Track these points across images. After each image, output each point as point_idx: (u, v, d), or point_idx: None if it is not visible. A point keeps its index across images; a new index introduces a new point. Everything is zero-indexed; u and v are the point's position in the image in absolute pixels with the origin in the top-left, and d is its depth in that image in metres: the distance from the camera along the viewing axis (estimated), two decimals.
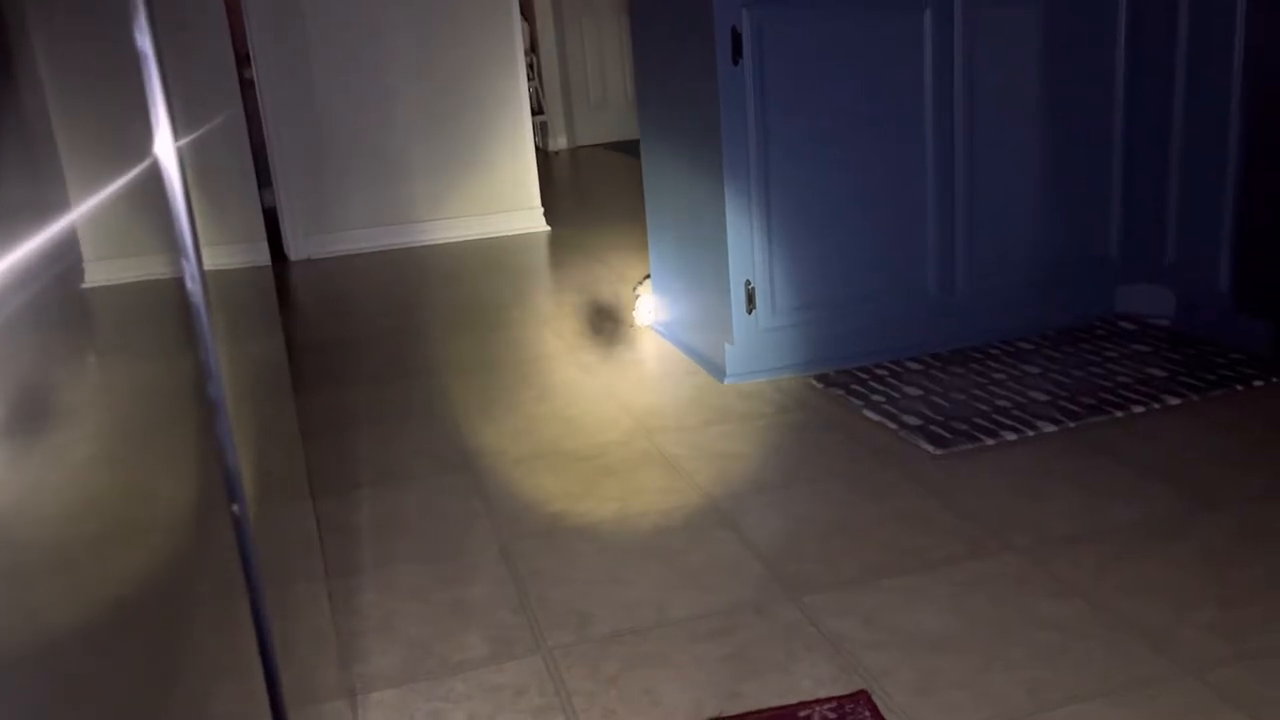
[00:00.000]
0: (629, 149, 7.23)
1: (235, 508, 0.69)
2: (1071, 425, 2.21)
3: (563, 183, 6.45)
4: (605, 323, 3.25)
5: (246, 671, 1.10)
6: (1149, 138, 2.74)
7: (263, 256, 1.38)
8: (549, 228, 4.88)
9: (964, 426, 2.23)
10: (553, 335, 3.18)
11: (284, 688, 0.76)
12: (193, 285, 0.62)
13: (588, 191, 6.12)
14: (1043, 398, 2.35)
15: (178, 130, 0.60)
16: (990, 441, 2.16)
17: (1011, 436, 2.17)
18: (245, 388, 0.76)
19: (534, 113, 4.90)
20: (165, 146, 0.58)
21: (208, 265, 0.67)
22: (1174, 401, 2.28)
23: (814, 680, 1.45)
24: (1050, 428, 2.20)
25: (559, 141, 7.77)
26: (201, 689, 1.44)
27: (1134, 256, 2.83)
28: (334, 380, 2.93)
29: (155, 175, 0.58)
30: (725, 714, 1.39)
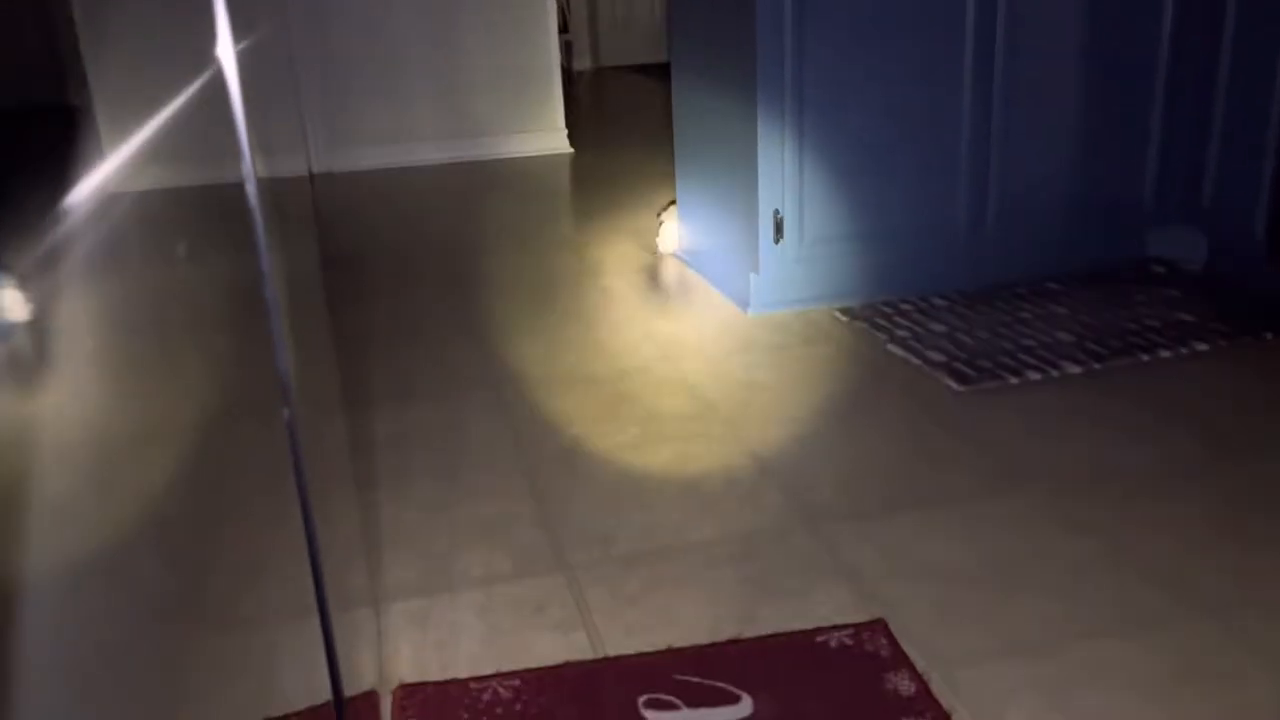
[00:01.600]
0: (653, 72, 7.12)
1: (286, 411, 0.69)
2: (1097, 367, 2.20)
3: (587, 104, 6.36)
4: (631, 249, 3.23)
5: (295, 570, 1.11)
6: (1193, 79, 2.68)
7: (301, 167, 1.37)
8: (572, 150, 4.83)
9: (988, 364, 2.22)
10: (576, 259, 3.17)
11: (328, 588, 0.77)
12: (250, 188, 0.62)
13: (612, 114, 6.05)
14: (1069, 338, 2.34)
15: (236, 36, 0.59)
16: (1014, 380, 2.15)
17: (1036, 376, 2.17)
18: (286, 290, 0.76)
19: (559, 31, 4.82)
20: (226, 51, 0.58)
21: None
22: (1202, 347, 2.27)
23: (831, 607, 1.47)
24: (1075, 369, 2.19)
25: (583, 62, 7.65)
26: (242, 585, 1.46)
27: (1168, 200, 2.78)
28: (354, 296, 2.93)
29: (218, 80, 0.58)
30: (743, 635, 1.41)
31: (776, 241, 2.56)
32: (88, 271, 3.23)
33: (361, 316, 2.75)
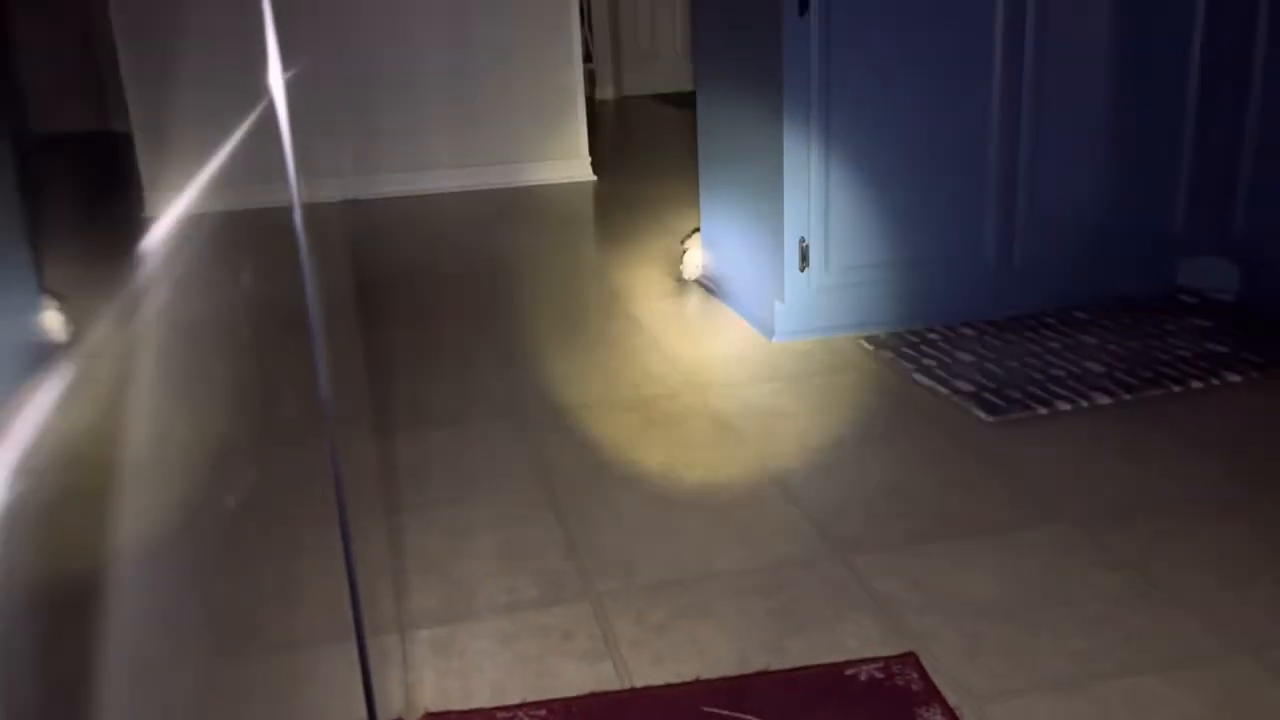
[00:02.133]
0: (677, 101, 7.15)
1: (328, 431, 0.69)
2: (1127, 397, 2.18)
3: (610, 132, 6.40)
4: (654, 276, 3.23)
5: (326, 595, 1.10)
6: (1224, 107, 2.66)
7: (336, 193, 1.38)
8: (595, 177, 4.85)
9: (1017, 394, 2.20)
10: (599, 286, 3.17)
11: (363, 611, 0.77)
12: (296, 217, 0.62)
13: (635, 142, 6.08)
14: (1098, 368, 2.32)
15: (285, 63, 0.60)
16: (1043, 410, 2.13)
17: (1065, 406, 2.15)
18: (326, 319, 0.76)
19: (583, 60, 4.85)
20: (276, 81, 0.58)
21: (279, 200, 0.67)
22: (1234, 378, 2.24)
23: (860, 640, 1.45)
24: (1105, 399, 2.17)
25: (606, 91, 7.70)
26: (269, 613, 1.46)
27: (1199, 228, 2.76)
28: (377, 322, 2.94)
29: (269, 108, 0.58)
30: (771, 668, 1.40)
31: (802, 269, 2.55)
32: (131, 294, 3.26)
33: (386, 342, 2.76)
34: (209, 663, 1.47)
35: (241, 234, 3.79)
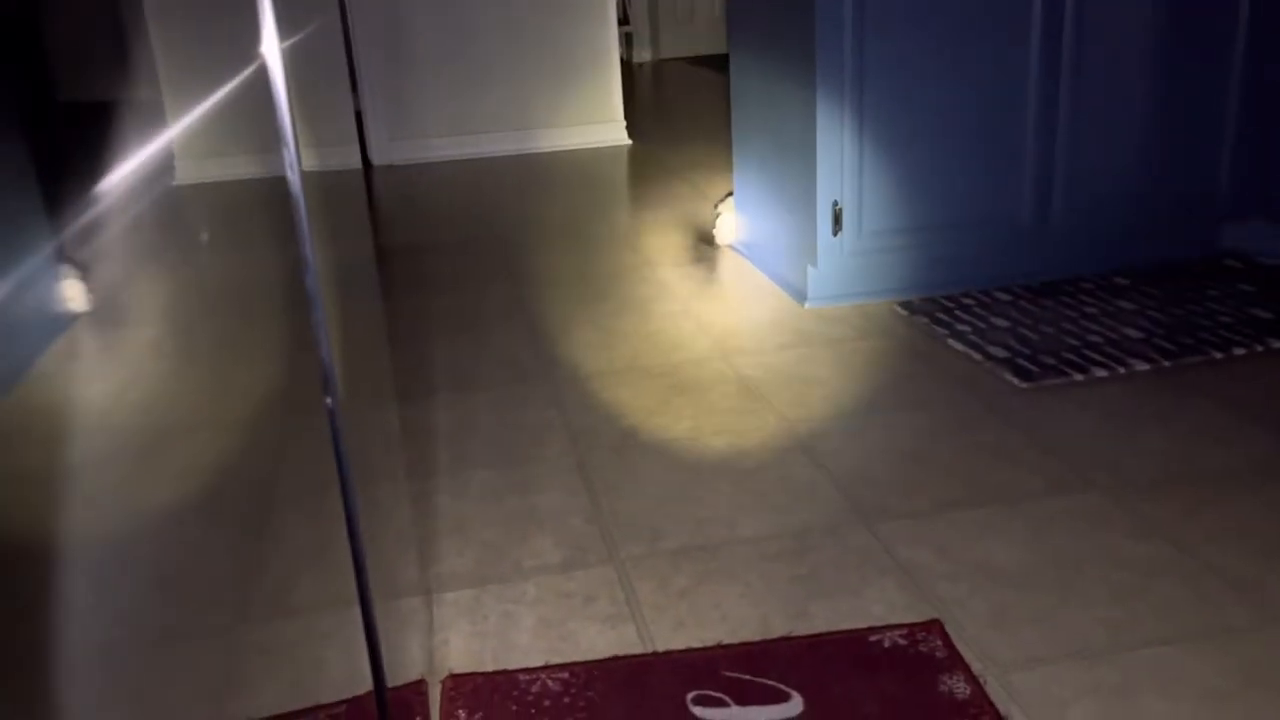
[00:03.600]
0: (714, 64, 7.08)
1: (328, 400, 0.69)
2: (1166, 364, 2.13)
3: (646, 96, 6.35)
4: (687, 240, 3.21)
5: (336, 561, 1.12)
6: (1272, 64, 2.58)
7: (354, 160, 1.38)
8: (630, 141, 4.82)
9: (1052, 361, 2.17)
10: (631, 251, 3.16)
11: (370, 579, 0.77)
12: (292, 177, 0.62)
13: (671, 106, 6.02)
14: (1137, 335, 2.27)
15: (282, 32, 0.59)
16: (1079, 377, 2.10)
17: (1102, 373, 2.11)
18: (339, 284, 0.76)
19: (619, 23, 4.81)
20: (270, 46, 0.57)
21: (305, 166, 0.66)
22: (1278, 345, 2.18)
23: (885, 606, 1.45)
24: (1143, 366, 2.13)
25: (643, 54, 7.63)
26: (294, 574, 1.49)
27: (1244, 192, 2.69)
28: (412, 286, 2.95)
29: (261, 75, 0.58)
30: (795, 633, 1.40)
31: (835, 234, 2.52)
32: (149, 263, 3.30)
33: (419, 307, 2.77)
34: (231, 627, 1.50)
35: (244, 203, 3.81)
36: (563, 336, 2.50)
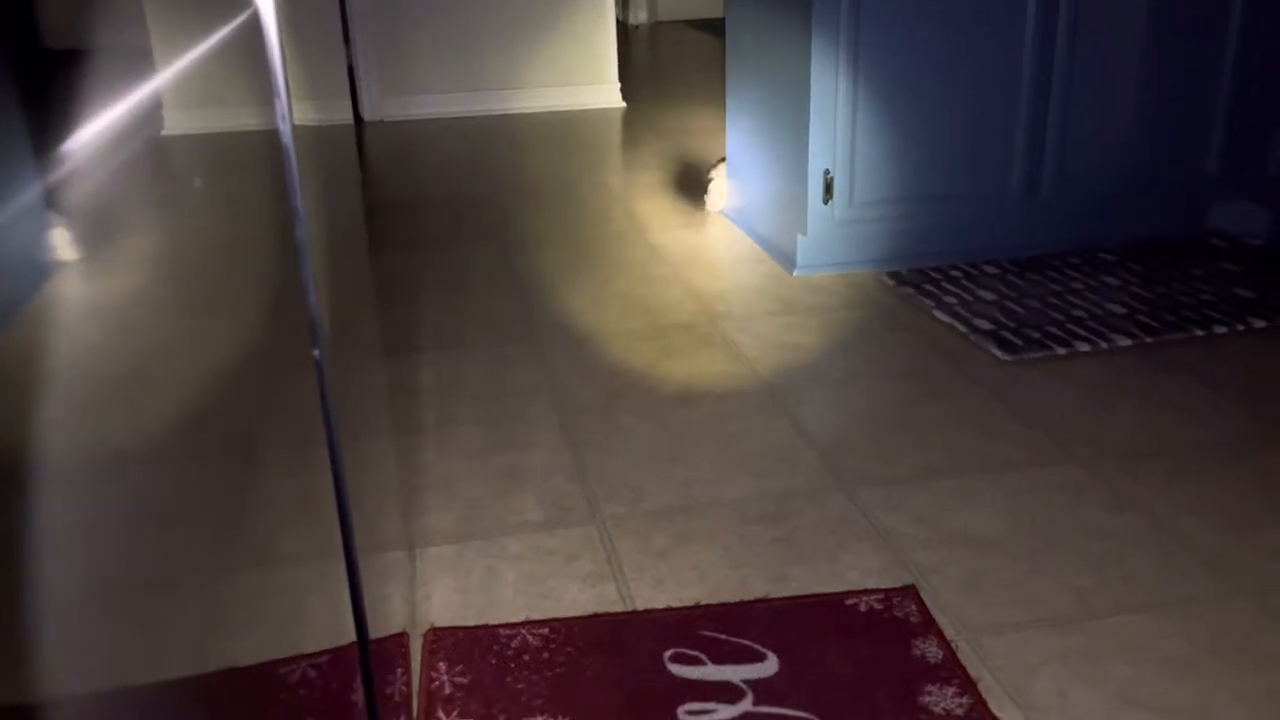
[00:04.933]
0: (709, 27, 7.02)
1: (316, 352, 0.70)
2: (1148, 340, 2.15)
3: (641, 58, 6.30)
4: (678, 205, 3.21)
5: (321, 513, 1.13)
6: (1265, 46, 2.58)
7: (345, 115, 1.37)
8: (624, 104, 4.79)
9: (1036, 334, 2.18)
10: (622, 214, 3.16)
11: (354, 532, 0.78)
12: (283, 127, 0.62)
13: (666, 69, 5.98)
14: (1120, 310, 2.29)
15: None
16: (1062, 351, 2.12)
17: (1085, 348, 2.13)
18: (327, 239, 0.76)
19: None
20: None
21: (296, 119, 0.66)
22: (1259, 324, 2.21)
23: (861, 571, 1.47)
24: (1125, 341, 2.15)
25: (639, 15, 7.57)
26: (278, 525, 1.50)
27: (1233, 171, 2.70)
28: (402, 243, 2.95)
29: (254, 25, 0.58)
30: (772, 595, 1.42)
31: (825, 202, 2.52)
32: (137, 212, 3.28)
33: (407, 265, 2.77)
34: (216, 576, 1.51)
35: (241, 155, 3.79)
36: (551, 297, 2.50)
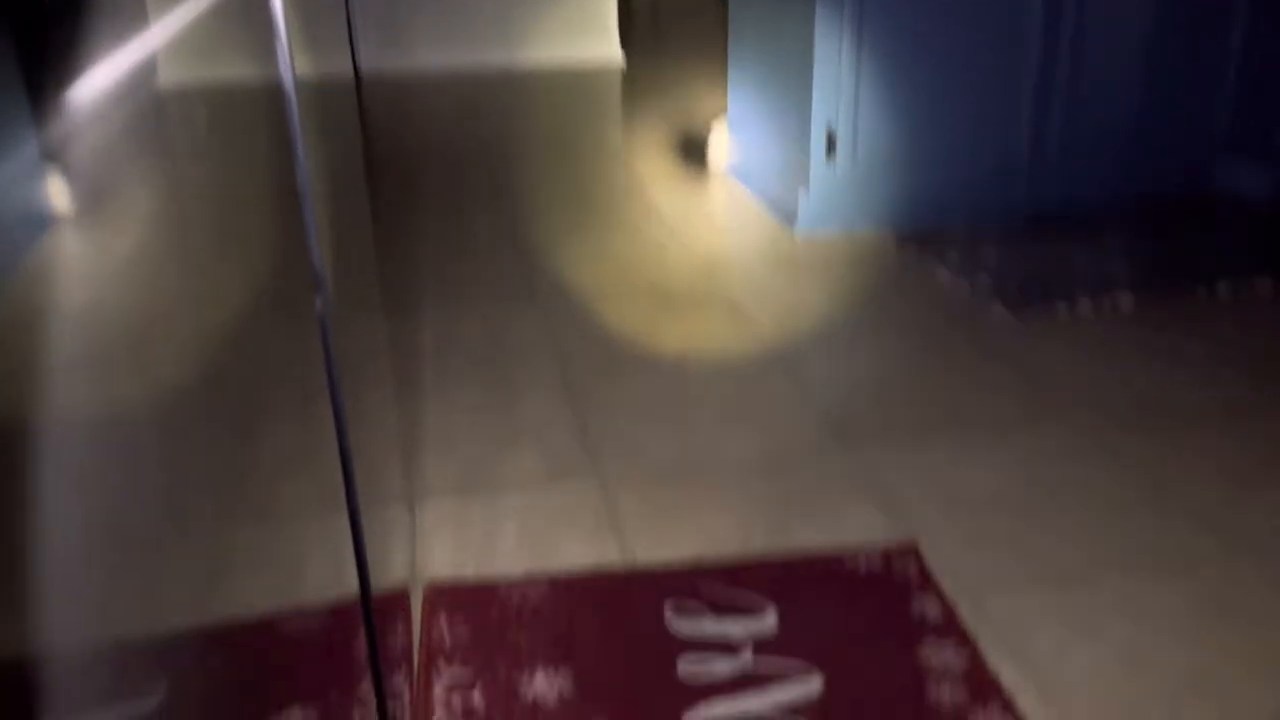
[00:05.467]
0: None
1: (318, 302, 0.69)
2: (1151, 300, 2.14)
3: (641, 14, 6.22)
4: (679, 162, 3.18)
5: (321, 466, 1.12)
6: (1275, 4, 2.54)
7: (344, 67, 1.35)
8: (625, 61, 4.73)
9: (1039, 293, 2.17)
10: (623, 171, 3.13)
11: (357, 487, 0.78)
12: (285, 74, 0.60)
13: (667, 25, 5.91)
14: (1124, 270, 2.28)
15: None
16: (1065, 310, 2.11)
17: (1088, 307, 2.12)
18: (328, 191, 0.75)
19: None
20: None
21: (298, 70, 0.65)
22: (1264, 283, 2.20)
23: (863, 527, 1.47)
24: (1129, 300, 2.14)
25: None
26: (279, 479, 1.49)
27: (1239, 132, 2.67)
28: (399, 201, 2.92)
29: None
30: (772, 550, 1.42)
31: (828, 159, 2.50)
32: (135, 165, 3.25)
33: (407, 221, 2.75)
34: (218, 529, 1.51)
35: (251, 107, 3.74)
36: (552, 256, 2.49)
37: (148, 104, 3.89)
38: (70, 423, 1.78)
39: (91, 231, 2.71)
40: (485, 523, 1.50)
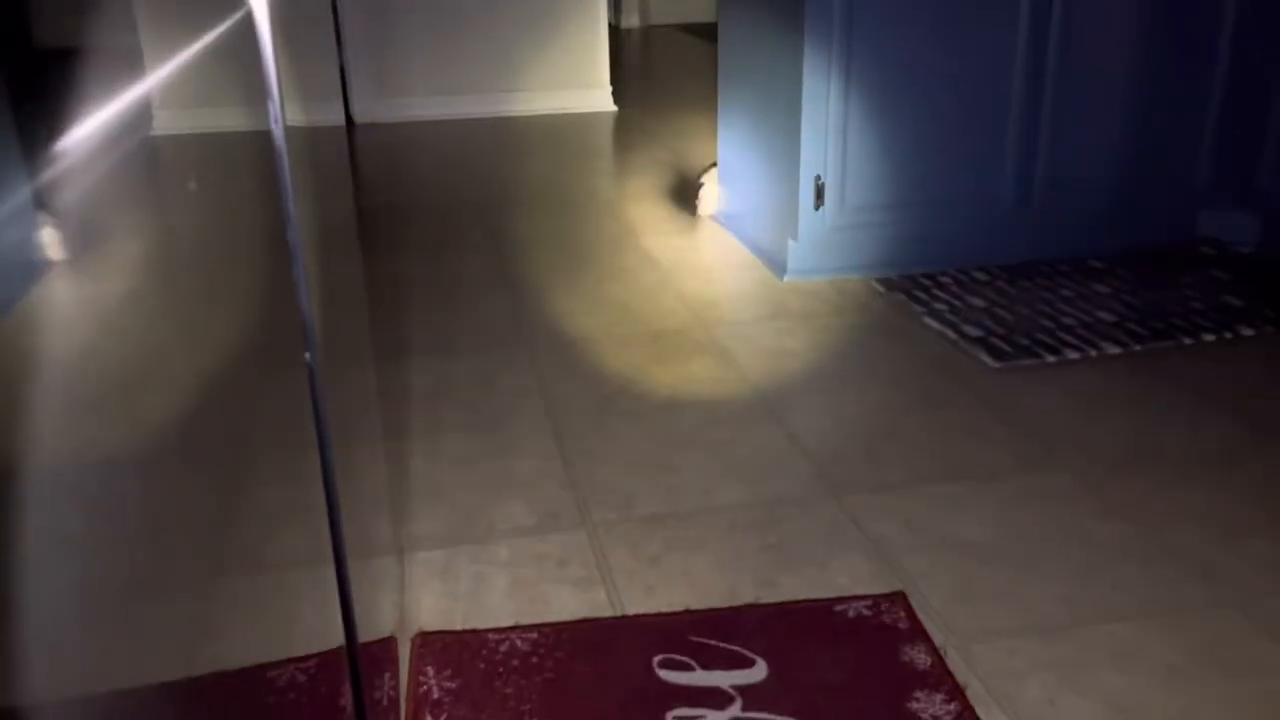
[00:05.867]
0: (702, 31, 7.03)
1: (307, 356, 0.70)
2: (1137, 348, 2.16)
3: (633, 63, 6.31)
4: (669, 210, 3.21)
5: (308, 517, 1.12)
6: (1255, 55, 2.60)
7: (336, 116, 1.37)
8: (616, 108, 4.80)
9: (1026, 341, 2.19)
10: (613, 218, 3.16)
11: (345, 537, 0.78)
12: (276, 129, 0.62)
13: (658, 73, 5.99)
14: (1110, 318, 2.30)
15: None
16: (1051, 359, 2.12)
17: (1074, 355, 2.14)
18: (318, 241, 0.76)
19: None
20: None
21: (289, 121, 0.66)
22: (1248, 332, 2.22)
23: (851, 577, 1.47)
24: (1115, 349, 2.16)
25: (631, 19, 7.58)
26: (268, 530, 1.49)
27: (1222, 180, 2.72)
28: (391, 247, 2.94)
29: (247, 24, 0.58)
30: (761, 601, 1.42)
31: (817, 208, 2.53)
32: (127, 213, 3.27)
33: (397, 269, 2.76)
34: (205, 580, 1.50)
35: (234, 156, 3.78)
36: (542, 302, 2.50)
37: (142, 151, 3.92)
38: (58, 469, 1.78)
39: (83, 278, 2.71)
40: (474, 572, 1.50)
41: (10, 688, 1.29)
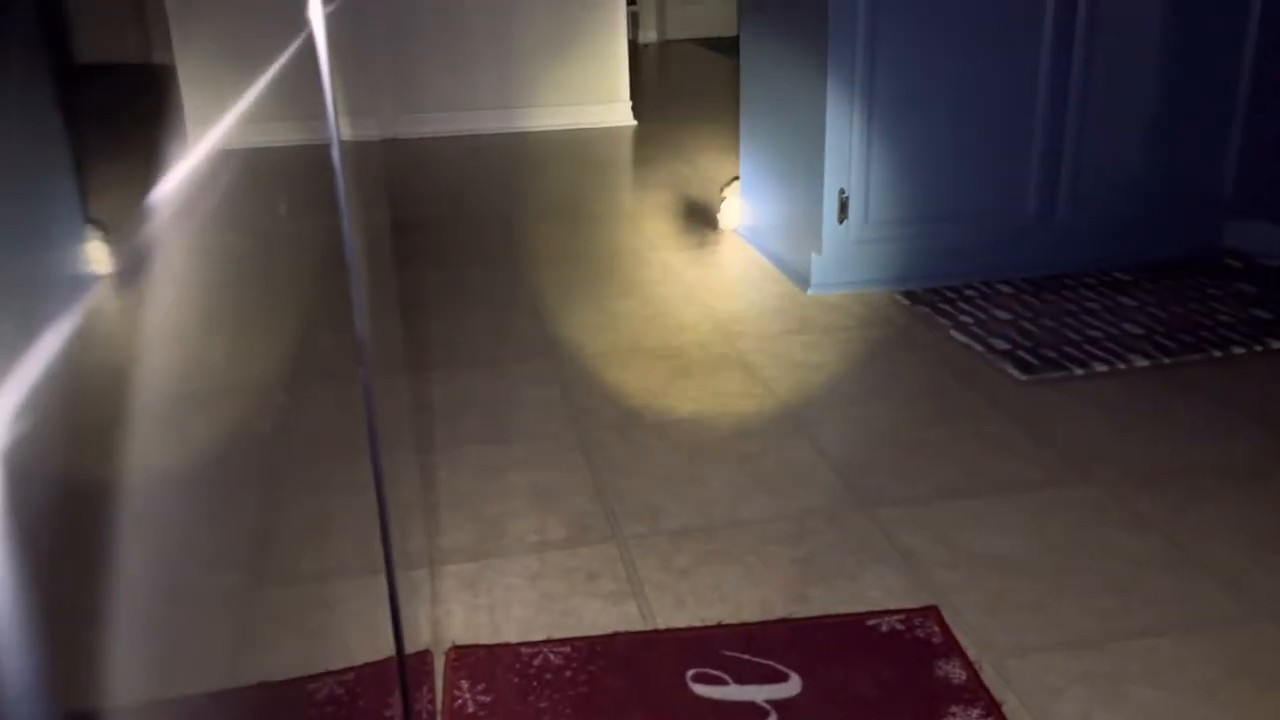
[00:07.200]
0: (720, 46, 7.06)
1: (362, 373, 0.71)
2: (1165, 361, 2.15)
3: (652, 77, 6.34)
4: (691, 223, 3.22)
5: (359, 529, 1.12)
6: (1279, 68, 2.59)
7: (371, 130, 1.38)
8: (636, 122, 4.82)
9: (1053, 354, 2.19)
10: (635, 233, 3.17)
11: (394, 548, 0.79)
12: (334, 150, 0.63)
13: (677, 87, 6.01)
14: (1137, 331, 2.29)
15: None
16: (1079, 371, 2.12)
17: (1102, 368, 2.13)
18: (365, 257, 0.77)
19: (627, 2, 4.80)
20: (316, 14, 0.59)
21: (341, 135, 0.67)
22: (1276, 345, 2.21)
23: (883, 591, 1.47)
24: (1142, 362, 2.15)
25: (649, 34, 7.61)
26: (304, 543, 1.50)
27: (1248, 192, 2.71)
28: (416, 261, 2.96)
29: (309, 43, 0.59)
30: (793, 615, 1.42)
31: (840, 221, 2.53)
32: (176, 227, 3.30)
33: (422, 282, 2.78)
34: (242, 591, 1.52)
35: (280, 169, 3.82)
36: (565, 316, 2.51)
37: (221, 164, 3.96)
38: (108, 484, 1.79)
39: (133, 293, 2.74)
40: (505, 586, 1.50)
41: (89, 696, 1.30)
